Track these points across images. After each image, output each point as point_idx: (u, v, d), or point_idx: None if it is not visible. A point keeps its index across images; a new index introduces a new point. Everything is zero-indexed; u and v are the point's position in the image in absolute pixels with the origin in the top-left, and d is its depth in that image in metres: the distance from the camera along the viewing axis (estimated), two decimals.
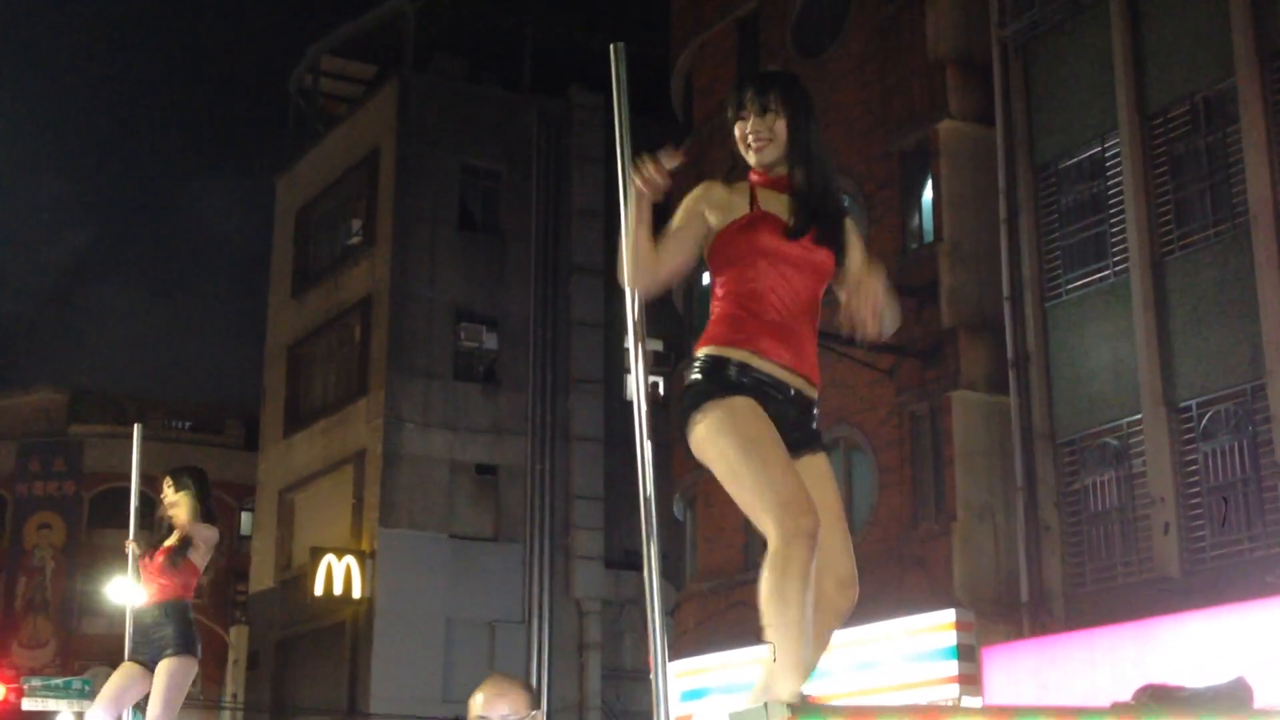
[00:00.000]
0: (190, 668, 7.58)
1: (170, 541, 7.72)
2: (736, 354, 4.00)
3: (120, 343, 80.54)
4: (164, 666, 7.50)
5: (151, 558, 7.72)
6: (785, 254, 4.11)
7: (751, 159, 4.27)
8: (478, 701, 4.17)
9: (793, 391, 4.00)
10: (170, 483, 7.82)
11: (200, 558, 7.74)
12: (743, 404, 3.91)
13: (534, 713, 4.16)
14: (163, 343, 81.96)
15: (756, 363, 4.00)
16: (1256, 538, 13.28)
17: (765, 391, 3.97)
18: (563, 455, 26.73)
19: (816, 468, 3.97)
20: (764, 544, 4.03)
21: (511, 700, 4.13)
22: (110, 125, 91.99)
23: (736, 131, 4.30)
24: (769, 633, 3.67)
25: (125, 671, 7.65)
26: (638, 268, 4.14)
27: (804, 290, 4.08)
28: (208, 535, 7.75)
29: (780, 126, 4.21)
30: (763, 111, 4.22)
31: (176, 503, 7.78)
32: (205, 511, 7.83)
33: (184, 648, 7.54)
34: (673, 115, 22.46)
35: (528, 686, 4.27)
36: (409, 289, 26.33)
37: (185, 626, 7.60)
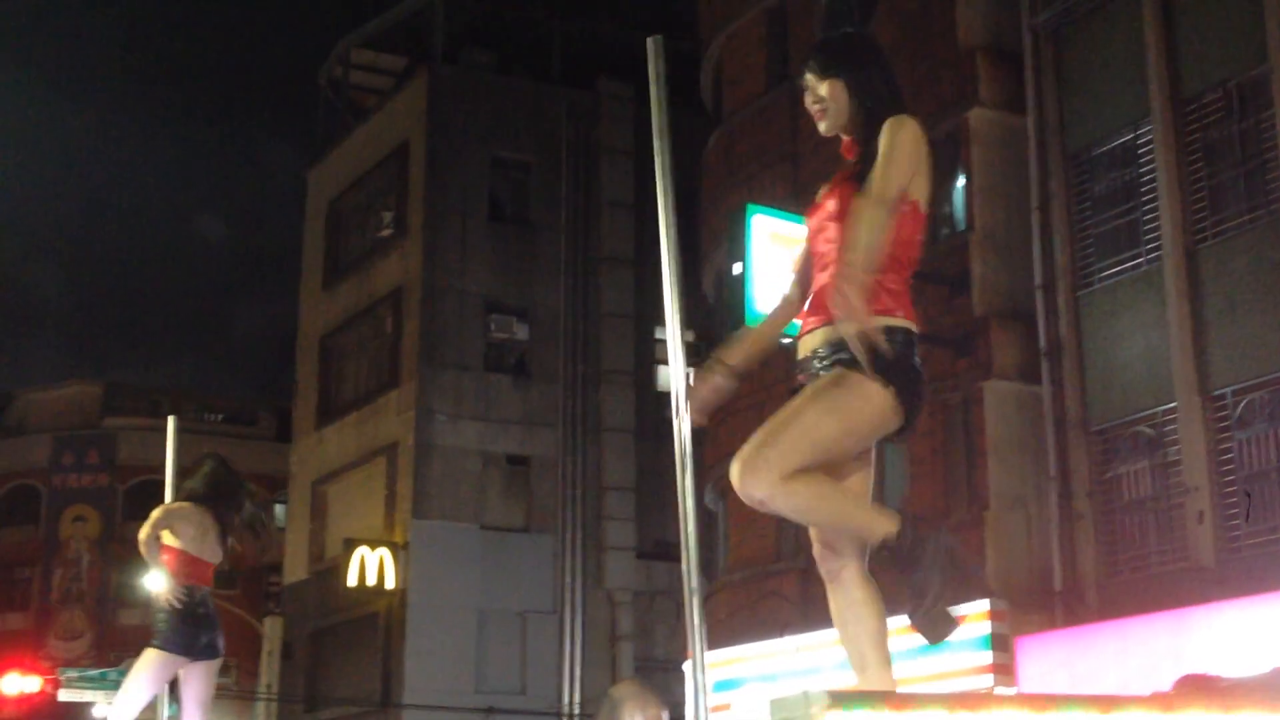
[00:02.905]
0: (161, 661, 7.44)
1: None
2: (797, 354, 4.14)
3: (154, 336, 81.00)
4: (143, 653, 7.53)
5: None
6: (815, 226, 4.11)
7: (823, 129, 4.18)
8: (626, 711, 4.20)
9: (821, 351, 3.98)
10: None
11: (180, 541, 7.63)
12: None
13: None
14: (196, 336, 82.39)
15: (798, 354, 4.10)
16: None
17: (796, 380, 4.07)
18: (594, 446, 26.77)
19: None
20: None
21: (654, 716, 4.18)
22: (143, 115, 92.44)
23: None
24: None
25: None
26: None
27: (828, 241, 4.03)
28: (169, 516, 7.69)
29: (828, 90, 4.09)
30: (814, 80, 4.13)
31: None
32: (202, 494, 7.75)
33: (162, 640, 7.48)
34: (702, 106, 22.43)
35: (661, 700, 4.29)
36: (440, 281, 26.41)
37: (168, 617, 7.50)
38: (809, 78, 4.11)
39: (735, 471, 3.72)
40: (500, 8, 28.91)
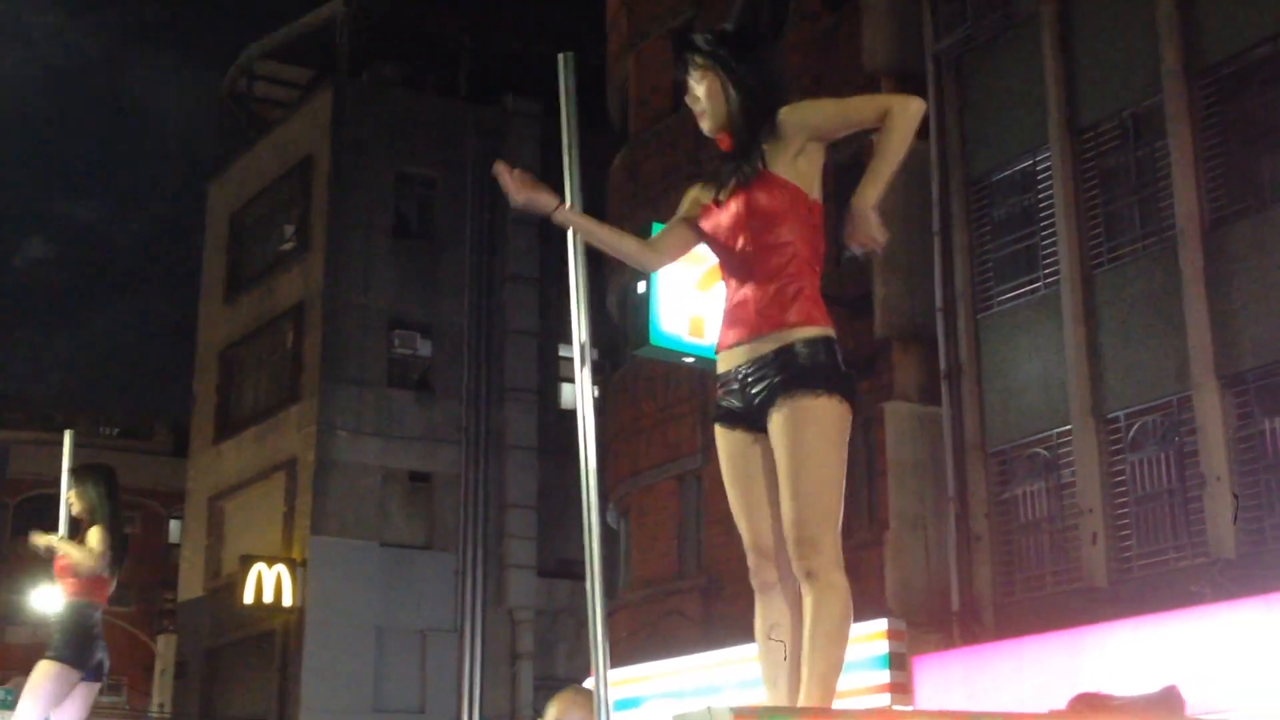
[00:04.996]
0: (62, 675, 7.36)
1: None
2: (718, 370, 4.03)
3: (47, 348, 79.43)
4: (37, 667, 7.40)
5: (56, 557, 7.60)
6: (717, 230, 4.01)
7: (705, 129, 4.11)
8: (551, 714, 4.17)
9: (743, 371, 3.89)
10: (72, 481, 7.71)
11: (89, 564, 7.53)
12: (717, 436, 4.00)
13: None
14: (92, 347, 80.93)
15: (719, 369, 4.00)
16: (1182, 548, 13.47)
17: (723, 401, 3.96)
18: (496, 464, 26.66)
19: (773, 433, 3.85)
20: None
21: (583, 712, 4.14)
22: (43, 117, 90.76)
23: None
24: None
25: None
26: (632, 261, 4.12)
27: (740, 249, 3.93)
28: (88, 547, 7.54)
29: (705, 89, 4.03)
30: (693, 81, 4.07)
31: (73, 503, 7.68)
32: (103, 514, 7.62)
33: (61, 654, 7.38)
34: (609, 124, 22.48)
35: None
36: (342, 295, 26.18)
37: (71, 631, 7.42)
38: (689, 79, 4.05)
39: (791, 552, 3.77)
40: (408, 22, 28.76)
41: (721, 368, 3.98)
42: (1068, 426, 14.47)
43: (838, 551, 3.79)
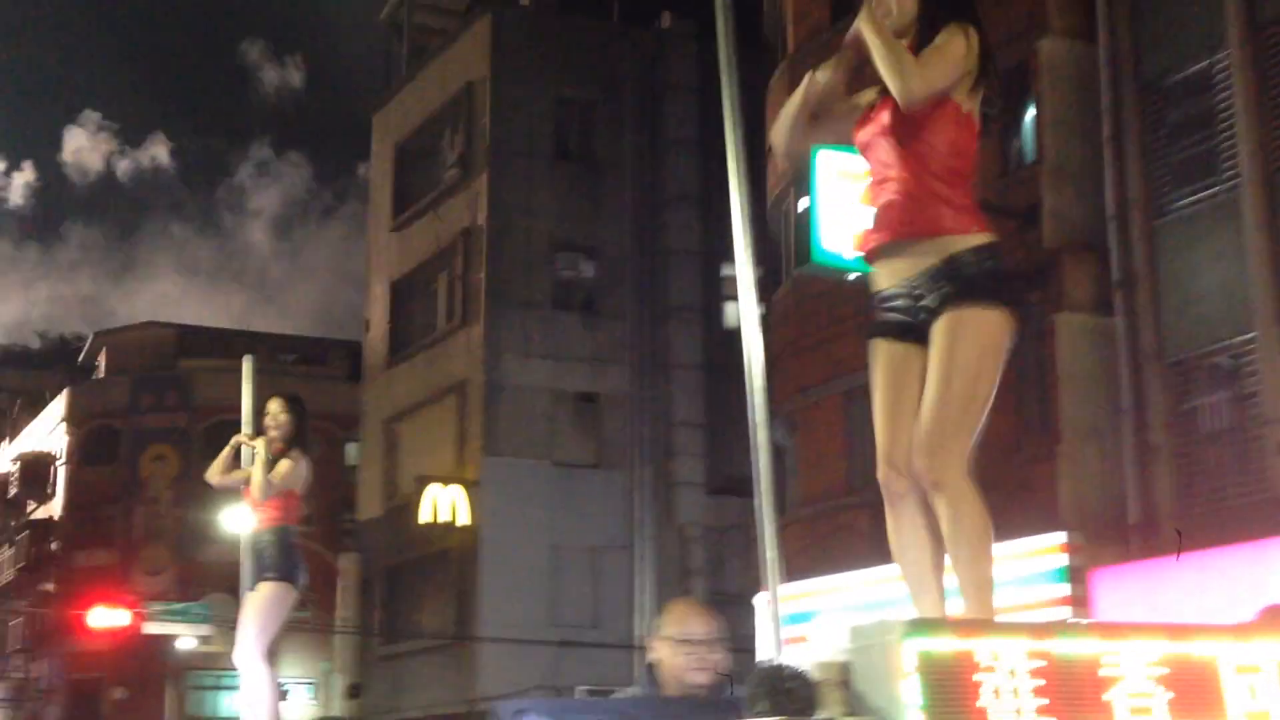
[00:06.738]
0: (285, 593, 7.67)
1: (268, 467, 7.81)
2: (878, 285, 3.99)
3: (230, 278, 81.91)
4: (260, 589, 7.66)
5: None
6: (869, 130, 3.98)
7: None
8: (668, 622, 4.23)
9: (910, 283, 3.85)
10: (281, 405, 7.94)
11: (291, 484, 7.80)
12: (876, 348, 3.99)
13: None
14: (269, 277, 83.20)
15: (879, 284, 3.97)
16: None
17: (888, 316, 3.94)
18: (663, 383, 26.85)
19: (934, 340, 3.83)
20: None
21: (707, 621, 4.21)
22: (213, 61, 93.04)
23: None
24: None
25: (246, 600, 7.87)
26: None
27: (889, 152, 3.89)
28: (294, 467, 7.82)
29: None
30: None
31: (279, 426, 7.90)
32: (300, 439, 7.91)
33: (281, 573, 7.65)
34: (764, 43, 22.22)
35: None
36: (507, 220, 26.48)
37: (284, 552, 7.69)
38: None
39: (920, 459, 3.76)
40: None
41: (883, 283, 3.95)
42: (1251, 334, 14.04)
43: (967, 464, 3.74)
